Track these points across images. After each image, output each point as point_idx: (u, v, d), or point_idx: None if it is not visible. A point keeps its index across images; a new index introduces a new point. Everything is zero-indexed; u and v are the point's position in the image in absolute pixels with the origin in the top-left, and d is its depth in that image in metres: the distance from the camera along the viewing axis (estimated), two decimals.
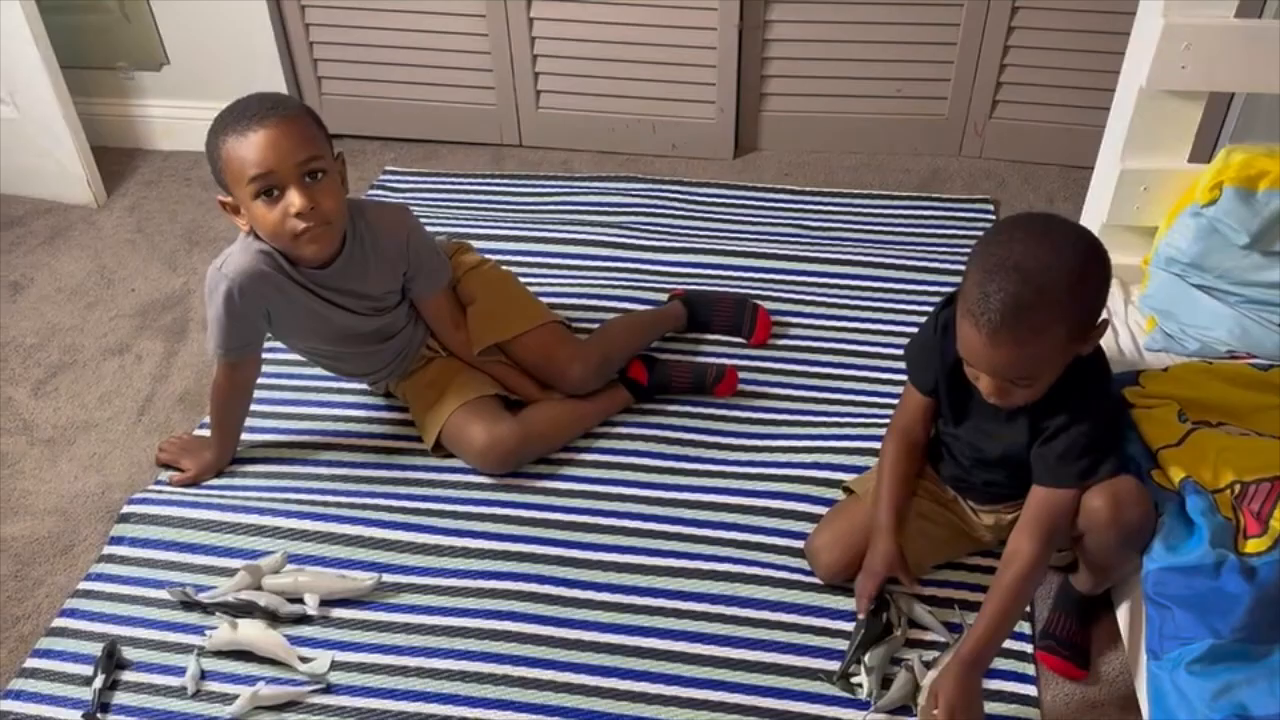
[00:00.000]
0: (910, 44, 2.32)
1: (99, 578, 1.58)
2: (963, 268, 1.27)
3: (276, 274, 1.54)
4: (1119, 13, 2.13)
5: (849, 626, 1.47)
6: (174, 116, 2.53)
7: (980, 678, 1.31)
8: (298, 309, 1.58)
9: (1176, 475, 1.31)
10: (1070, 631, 1.45)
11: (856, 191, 2.35)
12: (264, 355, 1.68)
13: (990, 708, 1.36)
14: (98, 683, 1.42)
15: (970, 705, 1.28)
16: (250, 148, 1.42)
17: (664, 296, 2.02)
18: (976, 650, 1.29)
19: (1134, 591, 1.37)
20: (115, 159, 2.52)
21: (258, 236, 1.52)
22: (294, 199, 1.44)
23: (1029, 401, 1.29)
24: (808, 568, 1.54)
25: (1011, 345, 1.21)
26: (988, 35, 2.26)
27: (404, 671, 1.45)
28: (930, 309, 1.43)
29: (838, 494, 1.62)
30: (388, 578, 1.56)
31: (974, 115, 2.39)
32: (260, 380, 1.72)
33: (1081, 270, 1.21)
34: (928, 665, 1.41)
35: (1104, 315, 1.27)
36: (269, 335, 1.65)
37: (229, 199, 1.51)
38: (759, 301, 1.98)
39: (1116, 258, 1.70)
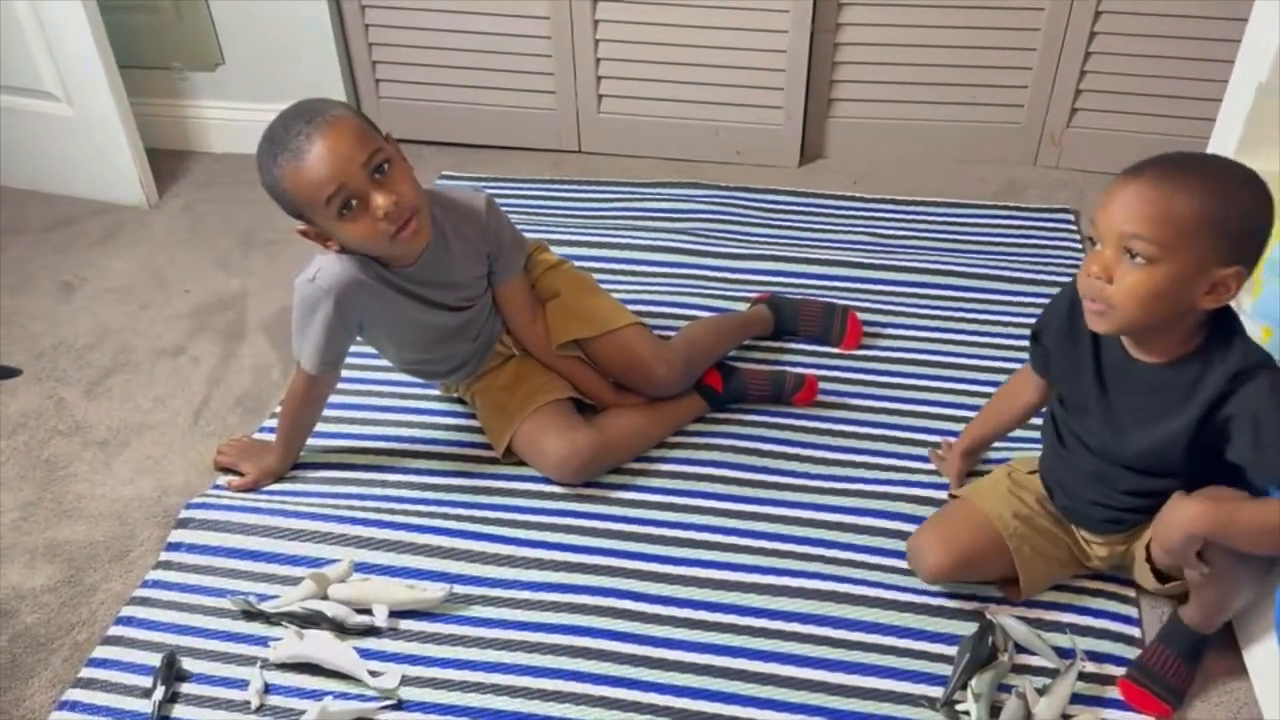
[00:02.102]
0: (986, 49, 2.25)
1: (156, 585, 1.52)
2: (1047, 278, 1.18)
3: (374, 281, 1.47)
4: (1208, 17, 2.09)
5: (951, 651, 1.39)
6: (228, 118, 2.49)
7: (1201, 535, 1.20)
8: (393, 314, 1.52)
9: None
10: (1171, 669, 1.34)
11: (931, 200, 2.28)
12: None
13: None
14: (157, 695, 1.35)
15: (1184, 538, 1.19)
16: (312, 168, 1.34)
17: (728, 303, 1.96)
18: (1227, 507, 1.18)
19: (1265, 629, 1.27)
20: (168, 160, 2.47)
21: (345, 250, 1.46)
22: (377, 201, 1.37)
23: (1135, 315, 1.16)
24: (904, 586, 1.46)
25: (1152, 184, 1.12)
26: (1069, 39, 2.19)
27: (478, 688, 1.37)
28: (1016, 320, 1.34)
29: (930, 511, 1.54)
30: (459, 589, 1.48)
31: (1051, 123, 2.31)
32: None
33: (1247, 185, 1.13)
34: (1040, 692, 1.32)
35: (1245, 272, 1.15)
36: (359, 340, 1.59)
37: (309, 227, 1.44)
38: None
39: None
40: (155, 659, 1.39)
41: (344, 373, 1.82)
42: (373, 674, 1.37)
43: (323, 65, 2.39)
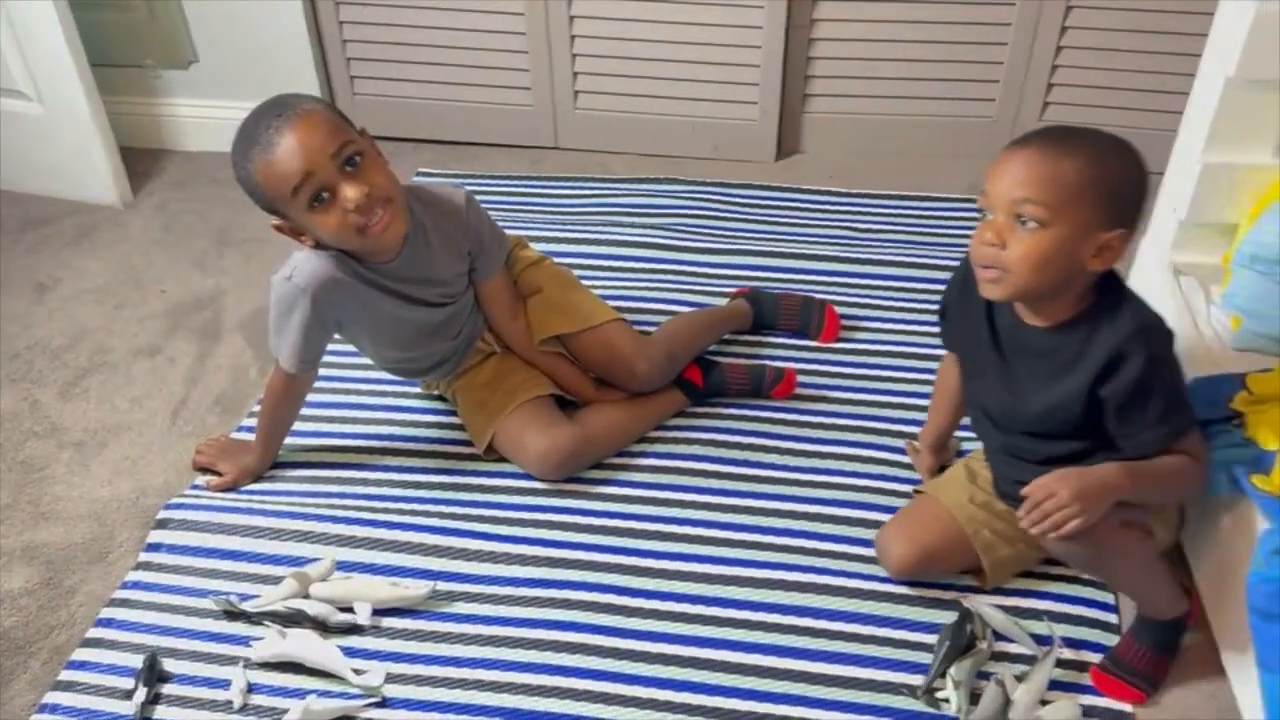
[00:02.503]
0: (958, 44, 2.26)
1: (136, 586, 1.51)
2: None
3: (351, 278, 1.47)
4: (1178, 11, 2.11)
5: (929, 639, 1.40)
6: (202, 116, 2.47)
7: (1110, 500, 1.21)
8: (371, 312, 1.52)
9: None
10: (1141, 659, 1.35)
11: (906, 194, 2.29)
12: None
13: None
14: (139, 696, 1.34)
15: (1086, 498, 1.19)
16: (282, 160, 1.34)
17: (706, 298, 1.96)
18: (1126, 470, 1.22)
19: (1239, 613, 1.29)
20: (141, 159, 2.45)
21: (320, 245, 1.45)
22: (347, 193, 1.36)
23: (1030, 280, 1.19)
24: (884, 576, 1.47)
25: (1038, 151, 1.17)
26: (1040, 33, 2.21)
27: (461, 684, 1.37)
28: None
29: (907, 502, 1.56)
30: (441, 586, 1.48)
31: (1024, 116, 2.33)
32: None
33: (1125, 152, 1.19)
34: (1019, 679, 1.34)
35: (1128, 235, 1.19)
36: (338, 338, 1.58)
37: (284, 222, 1.43)
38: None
39: (1195, 256, 1.68)
40: (136, 660, 1.39)
41: (323, 371, 1.81)
42: (356, 672, 1.37)
43: (297, 62, 2.38)
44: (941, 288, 1.98)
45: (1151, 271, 1.71)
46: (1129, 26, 2.17)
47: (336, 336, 1.58)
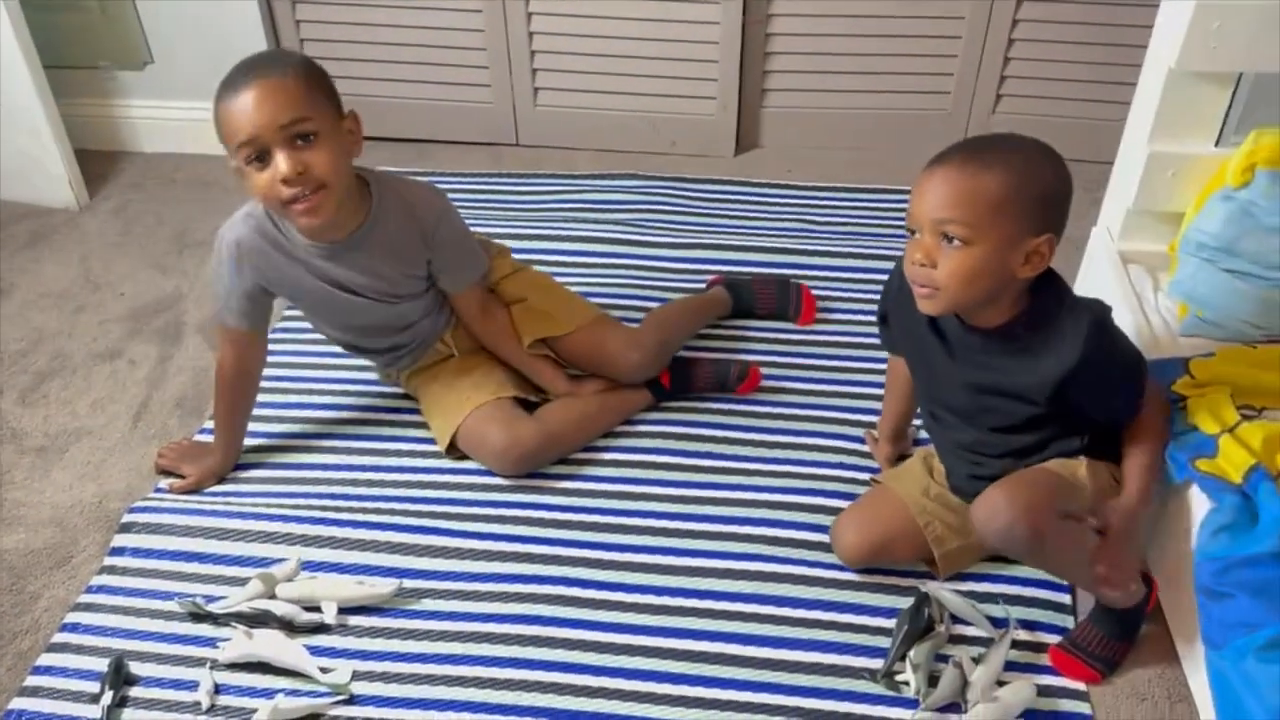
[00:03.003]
0: (913, 37, 2.30)
1: (101, 590, 1.51)
2: None
3: (270, 248, 1.49)
4: (1126, 4, 2.15)
5: (889, 624, 1.43)
6: (158, 117, 2.45)
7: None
8: (294, 284, 1.53)
9: (1243, 461, 1.28)
10: (1098, 643, 1.38)
11: (862, 186, 2.32)
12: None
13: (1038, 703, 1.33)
14: (106, 699, 1.34)
15: (1134, 535, 1.32)
16: (235, 112, 1.36)
17: (667, 293, 1.98)
18: (1142, 491, 1.32)
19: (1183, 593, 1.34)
20: (98, 161, 2.43)
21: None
22: (280, 164, 1.37)
23: (962, 294, 1.22)
24: (843, 564, 1.50)
25: (957, 169, 1.19)
26: (992, 28, 2.24)
27: (429, 680, 1.38)
28: None
29: (867, 490, 1.59)
30: (407, 583, 1.49)
31: (978, 109, 2.37)
32: (262, 384, 1.66)
33: (1044, 158, 1.22)
34: (976, 661, 1.37)
35: (1055, 240, 1.23)
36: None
37: (234, 166, 1.44)
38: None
39: (1143, 244, 1.71)
40: (102, 664, 1.39)
41: (282, 371, 1.83)
42: (323, 670, 1.38)
43: None
44: None
45: (1100, 260, 1.74)
46: (1080, 19, 2.21)
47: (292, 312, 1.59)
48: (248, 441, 1.69)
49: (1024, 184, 1.19)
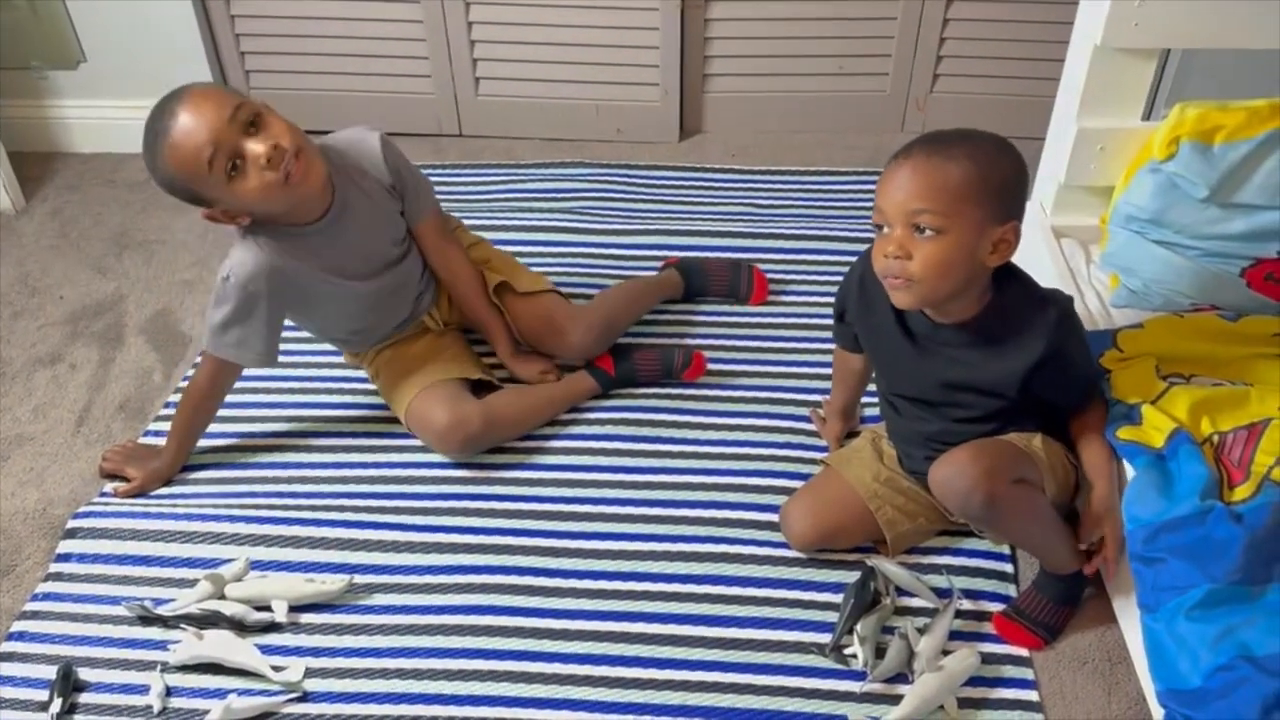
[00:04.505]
0: (850, 20, 2.31)
1: (47, 597, 1.49)
2: None
3: (290, 262, 1.50)
4: None
5: (836, 599, 1.45)
6: (94, 117, 2.41)
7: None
8: (314, 294, 1.55)
9: (1166, 427, 1.31)
10: (1042, 610, 1.42)
11: (804, 169, 2.34)
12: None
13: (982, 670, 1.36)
14: (55, 707, 1.33)
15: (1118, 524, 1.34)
16: (184, 140, 1.37)
17: (615, 280, 1.98)
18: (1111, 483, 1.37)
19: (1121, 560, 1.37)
20: (32, 163, 2.39)
21: (252, 233, 1.48)
22: (255, 150, 1.39)
23: (938, 285, 1.25)
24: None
25: (924, 162, 1.22)
26: (927, 9, 2.27)
27: (383, 674, 1.39)
28: None
29: (815, 469, 1.61)
30: (359, 579, 1.49)
31: (915, 90, 2.39)
32: None
33: (1002, 149, 1.25)
34: (921, 631, 1.39)
35: (1019, 226, 1.26)
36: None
37: (213, 210, 1.45)
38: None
39: (1075, 218, 1.75)
40: (51, 672, 1.38)
41: None
42: (276, 668, 1.38)
43: (189, 58, 2.33)
44: (843, 259, 2.04)
45: (1034, 235, 1.77)
46: None
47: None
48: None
49: (987, 173, 1.22)
